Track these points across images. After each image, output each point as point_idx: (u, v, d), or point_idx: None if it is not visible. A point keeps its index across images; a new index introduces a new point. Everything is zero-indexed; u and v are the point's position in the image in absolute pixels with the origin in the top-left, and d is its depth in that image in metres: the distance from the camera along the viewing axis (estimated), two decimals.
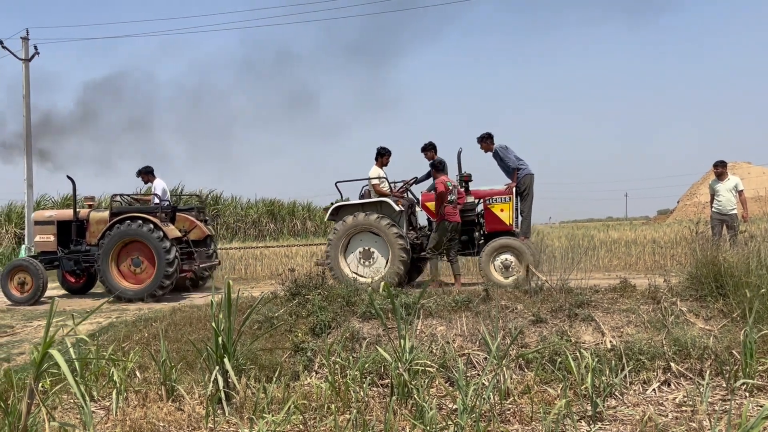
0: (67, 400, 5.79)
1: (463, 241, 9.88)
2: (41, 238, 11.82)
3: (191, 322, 7.77)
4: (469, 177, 9.85)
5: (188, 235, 11.63)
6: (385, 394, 5.94)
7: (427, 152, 10.57)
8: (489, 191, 9.88)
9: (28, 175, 22.84)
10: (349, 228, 9.79)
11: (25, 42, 23.38)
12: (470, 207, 9.90)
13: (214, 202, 31.57)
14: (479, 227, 9.95)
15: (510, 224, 9.66)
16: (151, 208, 11.34)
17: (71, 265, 11.60)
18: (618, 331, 6.90)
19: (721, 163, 11.29)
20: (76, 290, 12.21)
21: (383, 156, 10.51)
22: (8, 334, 8.49)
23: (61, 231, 11.75)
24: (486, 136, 10.13)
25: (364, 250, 9.86)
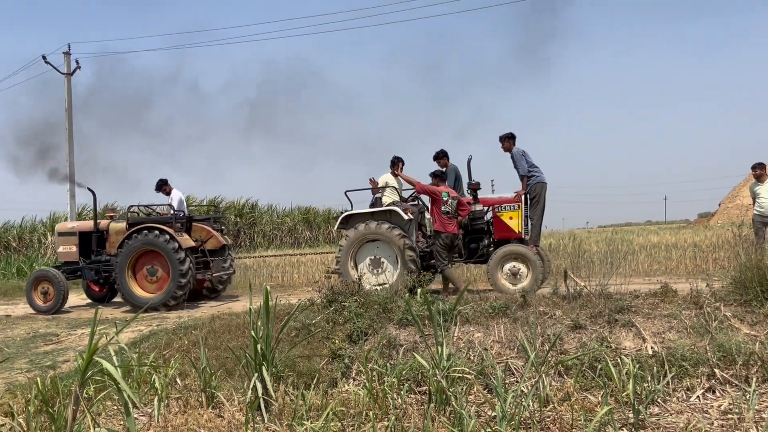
0: (110, 407, 5.90)
1: (472, 248, 9.94)
2: (64, 248, 12.19)
3: (230, 329, 7.87)
4: (478, 185, 9.91)
5: (205, 244, 11.91)
6: (423, 401, 5.92)
7: (440, 160, 10.69)
8: (498, 199, 9.93)
9: (71, 186, 23.39)
10: (358, 237, 9.95)
11: (67, 57, 24.03)
12: (479, 215, 9.96)
13: (251, 210, 31.91)
14: (488, 235, 9.96)
15: (519, 232, 9.68)
16: (167, 219, 11.58)
17: (92, 275, 11.93)
18: (659, 336, 6.78)
19: (760, 165, 11.05)
20: (100, 299, 12.54)
21: (395, 164, 10.67)
22: (53, 342, 8.70)
23: (82, 242, 12.10)
24: (509, 135, 10.08)
25: (374, 258, 10.00)
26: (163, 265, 10.99)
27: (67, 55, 24.05)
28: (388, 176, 10.72)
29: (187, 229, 11.78)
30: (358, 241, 9.97)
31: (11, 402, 5.63)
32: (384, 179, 10.70)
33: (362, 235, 9.91)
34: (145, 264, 11.17)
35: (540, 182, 9.86)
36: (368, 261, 10.02)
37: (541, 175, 9.91)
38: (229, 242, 12.70)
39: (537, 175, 9.87)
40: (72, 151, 23.50)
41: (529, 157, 9.94)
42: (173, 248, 10.73)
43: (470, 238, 9.98)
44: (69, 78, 23.87)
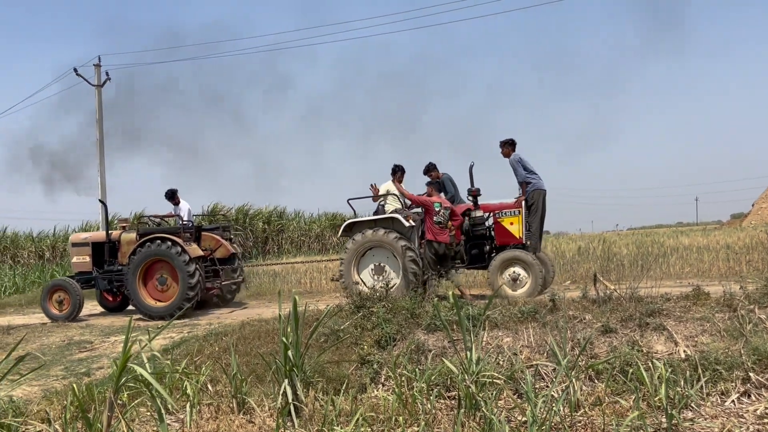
0: (143, 413, 5.98)
1: (473, 254, 9.98)
2: (78, 259, 12.42)
3: (260, 335, 7.93)
4: (478, 191, 9.94)
5: (214, 253, 12.12)
6: (452, 406, 5.91)
7: (431, 173, 10.76)
8: (499, 205, 9.96)
9: (103, 195, 23.80)
10: (361, 244, 10.05)
11: (97, 69, 24.48)
12: (480, 221, 9.98)
13: (279, 218, 32.11)
14: (490, 240, 9.97)
15: (520, 237, 9.67)
16: (176, 229, 11.77)
17: (105, 284, 12.14)
18: (692, 340, 6.68)
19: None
20: (113, 308, 12.79)
21: (397, 173, 10.78)
22: (88, 349, 8.85)
23: (95, 252, 12.31)
24: (509, 141, 10.10)
25: (377, 265, 10.09)
26: (173, 274, 11.18)
27: (97, 67, 24.49)
28: (389, 184, 10.83)
29: (197, 238, 12.02)
30: (362, 249, 10.08)
31: (48, 408, 5.75)
32: (386, 187, 10.83)
33: (365, 243, 10.02)
34: (155, 273, 11.39)
35: (538, 189, 9.83)
36: (371, 268, 10.13)
37: (539, 181, 9.90)
38: (238, 251, 12.94)
39: (534, 181, 9.86)
40: (103, 162, 23.91)
41: (527, 163, 9.95)
42: (182, 257, 10.93)
43: (471, 244, 10.05)
44: (99, 90, 24.30)
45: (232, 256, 12.47)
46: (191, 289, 10.87)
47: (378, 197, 10.67)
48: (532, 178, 9.82)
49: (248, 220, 30.51)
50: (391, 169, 10.83)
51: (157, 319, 10.86)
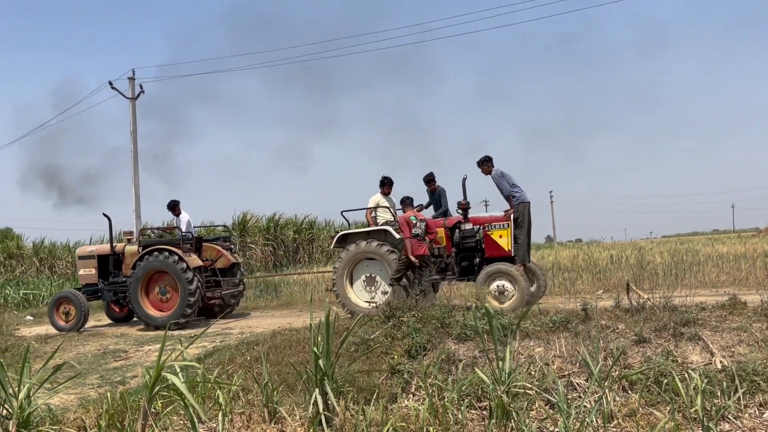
0: (176, 421, 6.05)
1: (463, 266, 10.00)
2: (84, 271, 12.75)
3: (290, 345, 7.98)
4: (467, 205, 9.93)
5: (215, 263, 12.36)
6: (483, 416, 5.87)
7: (431, 184, 10.86)
8: (488, 218, 9.97)
9: (136, 206, 24.19)
10: (352, 256, 10.14)
11: (131, 82, 24.93)
12: (470, 234, 9.98)
13: (309, 227, 32.25)
14: (479, 253, 9.97)
15: (509, 250, 9.65)
16: (176, 240, 11.99)
17: (111, 296, 12.42)
18: (728, 350, 6.55)
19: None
20: (120, 319, 13.08)
21: (385, 185, 10.86)
22: (122, 358, 8.99)
23: (101, 264, 12.62)
24: (485, 159, 10.11)
25: (368, 276, 10.19)
26: (173, 284, 11.44)
27: (131, 80, 24.96)
28: (378, 196, 10.93)
29: (197, 249, 12.25)
30: (354, 260, 10.18)
31: (84, 416, 5.84)
32: (374, 200, 10.92)
33: (357, 254, 10.11)
34: (157, 284, 11.66)
35: (522, 202, 9.84)
36: (363, 279, 10.24)
37: (522, 194, 9.91)
38: (239, 260, 13.16)
39: (519, 195, 9.86)
40: (137, 173, 24.30)
41: (509, 177, 9.97)
42: (181, 268, 11.17)
43: (461, 256, 10.06)
44: (134, 102, 24.74)
45: (233, 266, 12.71)
46: (191, 299, 11.12)
47: (369, 210, 10.83)
48: (515, 192, 9.85)
49: (279, 230, 30.70)
50: (380, 181, 10.92)
51: (160, 328, 11.05)
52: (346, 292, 10.20)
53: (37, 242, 30.14)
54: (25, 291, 19.64)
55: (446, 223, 10.10)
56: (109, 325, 12.75)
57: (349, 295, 10.18)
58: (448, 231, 10.11)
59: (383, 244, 9.92)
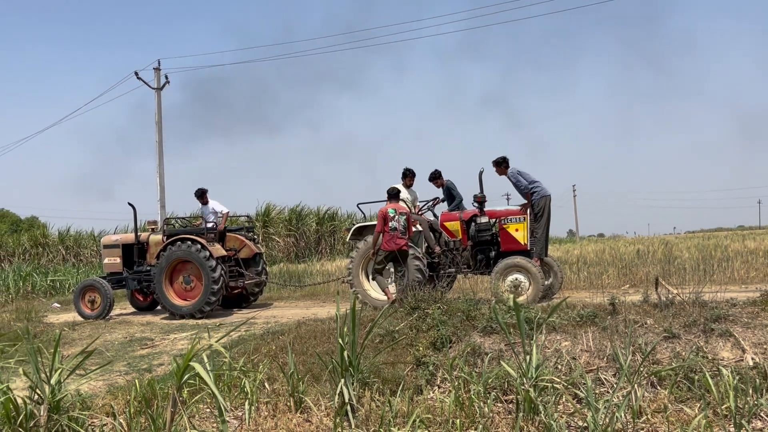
0: (203, 409, 6.10)
1: (479, 259, 9.95)
2: (109, 260, 12.89)
3: (316, 335, 8.00)
4: (483, 198, 9.90)
5: (238, 253, 12.40)
6: (510, 410, 5.84)
7: (436, 180, 10.79)
8: (504, 211, 9.95)
9: (161, 196, 24.40)
10: (367, 249, 10.07)
11: (157, 72, 25.10)
12: (485, 227, 9.92)
13: (331, 219, 32.33)
14: (495, 246, 9.92)
15: (525, 244, 9.59)
16: (200, 230, 12.06)
17: (135, 285, 12.54)
18: (761, 347, 6.44)
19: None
20: (144, 308, 13.19)
21: (407, 177, 10.82)
22: (149, 346, 9.07)
23: (125, 253, 12.76)
24: (500, 160, 10.03)
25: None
26: (197, 274, 11.51)
27: (157, 71, 25.12)
28: (399, 187, 10.77)
29: (221, 239, 12.32)
30: (369, 252, 10.08)
31: (113, 403, 5.91)
32: None
33: (370, 247, 10.00)
34: (181, 273, 11.74)
35: (543, 195, 9.78)
36: None
37: (543, 188, 9.85)
38: (261, 251, 13.18)
39: (539, 189, 9.80)
40: (162, 163, 24.49)
41: (526, 174, 9.92)
42: (205, 257, 11.23)
43: (477, 250, 9.99)
44: (159, 93, 24.91)
45: (256, 256, 12.75)
46: (215, 287, 11.17)
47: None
48: (536, 186, 9.80)
49: (301, 221, 30.81)
50: (402, 172, 10.89)
51: (185, 317, 11.20)
52: (362, 284, 10.19)
53: (62, 231, 30.61)
54: (52, 278, 19.90)
55: (462, 216, 10.04)
56: (134, 313, 12.89)
57: (366, 289, 10.16)
58: (464, 224, 10.04)
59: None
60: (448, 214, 10.31)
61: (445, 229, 10.16)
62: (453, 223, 10.07)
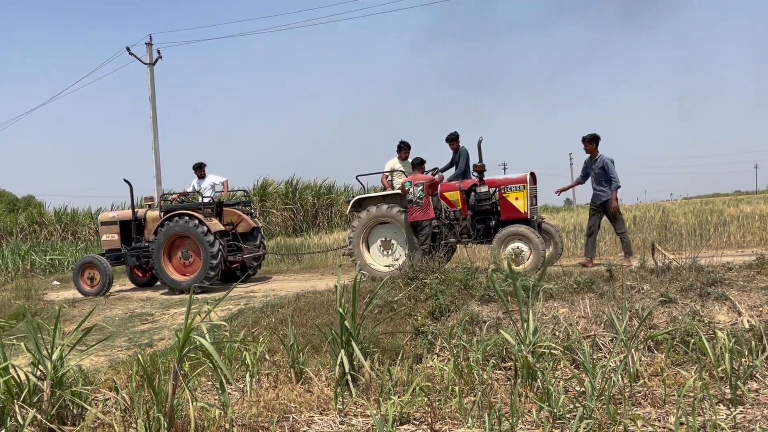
0: (205, 382, 6.16)
1: (479, 229, 9.97)
2: (107, 237, 12.89)
3: (315, 307, 8.04)
4: (483, 167, 9.89)
5: (236, 228, 12.44)
6: (508, 376, 5.90)
7: (453, 142, 10.72)
8: (504, 180, 9.91)
9: (157, 173, 24.33)
10: (368, 220, 10.18)
11: (149, 47, 24.83)
12: (485, 196, 9.92)
13: (328, 192, 32.28)
14: (495, 215, 9.94)
15: (525, 212, 9.59)
16: (197, 205, 12.05)
17: (133, 261, 12.59)
18: (756, 310, 6.50)
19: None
20: (143, 284, 13.28)
21: (402, 150, 10.87)
22: (149, 321, 9.12)
23: (123, 230, 12.78)
24: (591, 137, 9.81)
25: (384, 240, 10.24)
26: (195, 249, 11.55)
27: (149, 46, 24.86)
28: (394, 161, 10.93)
29: (218, 213, 12.32)
30: (369, 225, 10.19)
31: (115, 377, 5.95)
32: (390, 164, 10.94)
33: (373, 218, 10.13)
34: (180, 248, 11.76)
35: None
36: (379, 243, 10.27)
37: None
38: (259, 225, 13.19)
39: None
40: (157, 138, 24.36)
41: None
42: (202, 232, 11.27)
43: (477, 219, 10.02)
44: (152, 68, 24.68)
45: (253, 230, 12.76)
46: (213, 262, 11.24)
47: (384, 174, 10.84)
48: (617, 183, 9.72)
49: (298, 194, 30.77)
50: (397, 145, 10.91)
51: (185, 292, 11.24)
52: (363, 256, 10.23)
53: (58, 209, 30.57)
54: (51, 256, 19.93)
55: (461, 186, 10.05)
56: (133, 289, 12.94)
57: (367, 260, 10.21)
58: (463, 194, 10.06)
59: (397, 207, 9.92)
60: (448, 184, 10.31)
61: (444, 199, 10.17)
62: (452, 192, 10.07)
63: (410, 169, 10.82)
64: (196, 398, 5.10)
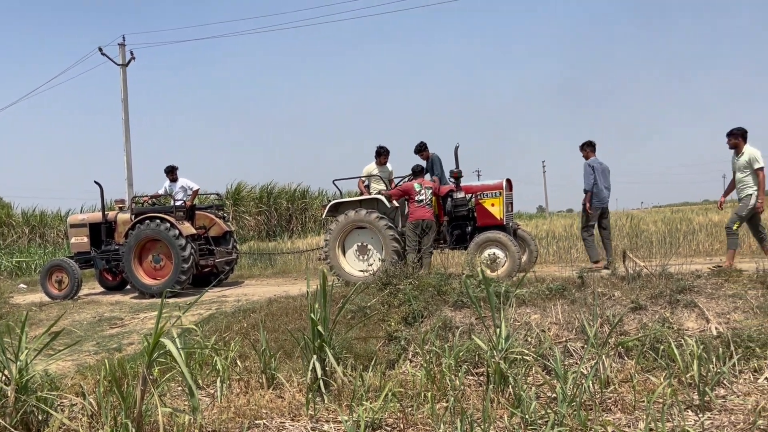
0: (174, 387, 6.07)
1: (455, 234, 10.01)
2: (76, 240, 12.69)
3: (287, 312, 7.98)
4: (460, 173, 9.92)
5: (208, 231, 12.33)
6: (481, 382, 5.91)
7: (422, 153, 10.74)
8: (480, 186, 9.94)
9: (128, 175, 23.99)
10: (346, 224, 10.10)
11: (122, 48, 24.50)
12: (461, 202, 9.97)
13: (302, 196, 32.17)
14: (471, 221, 9.98)
15: (500, 218, 9.65)
16: (169, 208, 11.93)
17: (103, 264, 12.40)
18: (724, 317, 6.60)
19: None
20: (113, 287, 13.07)
21: (381, 155, 10.78)
22: (118, 325, 8.98)
23: (93, 233, 12.58)
24: (585, 144, 10.10)
25: (360, 245, 10.16)
26: (167, 252, 11.43)
27: (122, 47, 24.53)
28: (372, 166, 10.87)
29: (190, 217, 12.22)
30: (345, 229, 10.14)
31: (82, 383, 5.85)
32: (368, 169, 10.87)
33: (351, 222, 10.07)
34: (151, 252, 11.64)
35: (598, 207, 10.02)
36: (355, 248, 10.21)
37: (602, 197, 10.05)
38: (232, 229, 13.09)
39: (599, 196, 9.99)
40: (128, 140, 24.04)
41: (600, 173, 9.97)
42: (174, 235, 11.14)
43: (453, 225, 10.07)
44: (124, 69, 24.35)
45: (226, 234, 12.66)
46: (185, 266, 11.11)
47: (361, 179, 10.79)
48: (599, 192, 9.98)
49: (273, 199, 30.61)
50: (376, 150, 10.83)
51: (155, 296, 11.11)
52: (338, 261, 10.17)
53: (26, 210, 30.00)
54: (18, 259, 19.55)
55: (438, 192, 10.08)
56: (103, 293, 12.74)
57: (342, 265, 10.15)
58: (440, 200, 10.10)
59: (374, 213, 9.88)
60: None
61: None
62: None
63: (387, 174, 10.81)
64: (165, 404, 5.03)
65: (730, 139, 8.79)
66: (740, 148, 8.70)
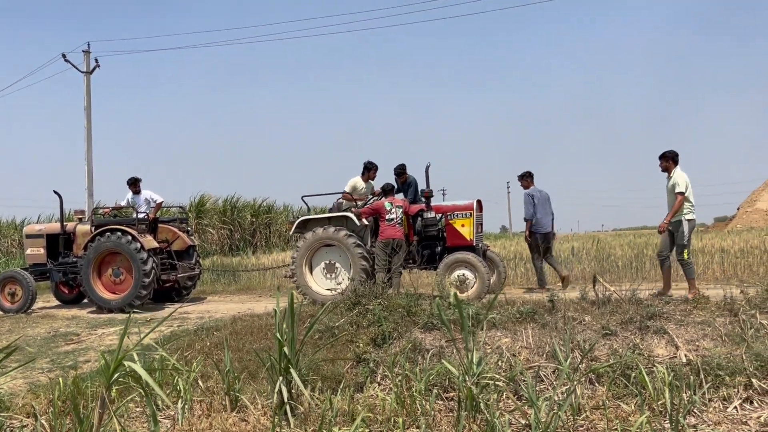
0: (132, 409, 5.81)
1: (425, 254, 9.98)
2: (32, 251, 12.29)
3: (252, 331, 7.77)
4: (430, 193, 9.92)
5: (171, 245, 12.04)
6: (451, 407, 5.78)
7: (401, 176, 10.73)
8: (451, 206, 9.94)
9: (89, 185, 23.46)
10: (314, 241, 9.94)
11: (86, 55, 24.06)
12: (432, 222, 9.95)
13: (267, 211, 31.77)
14: (441, 241, 9.96)
15: (470, 239, 9.67)
16: (131, 220, 11.64)
17: (60, 276, 12.01)
18: (693, 344, 6.59)
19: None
20: (69, 301, 12.69)
21: (371, 170, 10.66)
22: (74, 341, 8.64)
23: (50, 244, 12.20)
24: (524, 174, 10.72)
25: (328, 263, 10.01)
26: (127, 266, 11.11)
27: (86, 54, 24.09)
28: (357, 180, 10.70)
29: (153, 230, 11.92)
30: (313, 247, 9.97)
31: (34, 402, 5.56)
32: (352, 183, 10.69)
33: (319, 240, 9.90)
34: (110, 265, 11.30)
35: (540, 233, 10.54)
36: (323, 266, 10.04)
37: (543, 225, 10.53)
38: (195, 243, 12.85)
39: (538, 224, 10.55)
40: (90, 149, 23.53)
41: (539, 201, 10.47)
42: (135, 249, 10.82)
43: (423, 245, 10.02)
44: (88, 77, 23.90)
45: (189, 248, 12.40)
46: (146, 281, 10.80)
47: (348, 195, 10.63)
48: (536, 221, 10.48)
49: (236, 212, 30.16)
50: (364, 165, 10.66)
51: (114, 311, 10.82)
52: (305, 280, 9.97)
53: None
54: None
55: (408, 211, 9.99)
56: (58, 306, 12.31)
57: (309, 283, 9.95)
58: (410, 219, 10.00)
59: (343, 230, 9.72)
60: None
61: None
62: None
63: (369, 191, 10.66)
64: (123, 427, 4.79)
65: (661, 162, 9.02)
66: (671, 171, 8.83)
